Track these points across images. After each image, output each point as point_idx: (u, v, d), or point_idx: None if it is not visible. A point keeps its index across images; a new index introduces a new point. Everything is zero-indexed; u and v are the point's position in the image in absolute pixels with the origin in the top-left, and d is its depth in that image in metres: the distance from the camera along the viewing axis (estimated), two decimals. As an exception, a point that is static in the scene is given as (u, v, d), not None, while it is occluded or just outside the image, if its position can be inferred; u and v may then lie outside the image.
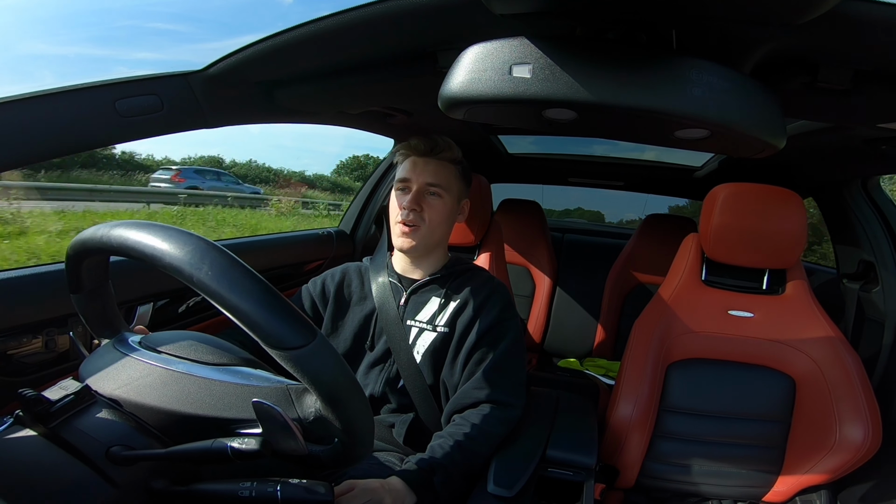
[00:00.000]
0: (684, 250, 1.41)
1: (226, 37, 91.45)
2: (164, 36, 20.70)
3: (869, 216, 1.52)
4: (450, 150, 1.11)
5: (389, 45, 0.87)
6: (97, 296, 0.70)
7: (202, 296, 0.51)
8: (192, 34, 18.02)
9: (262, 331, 0.50)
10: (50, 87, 0.76)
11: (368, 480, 0.82)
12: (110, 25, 39.80)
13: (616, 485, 1.29)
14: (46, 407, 0.55)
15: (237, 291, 0.50)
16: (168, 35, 16.56)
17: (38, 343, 0.91)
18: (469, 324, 1.07)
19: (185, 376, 0.62)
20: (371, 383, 1.08)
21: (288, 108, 1.11)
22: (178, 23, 47.29)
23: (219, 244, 0.53)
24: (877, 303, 1.48)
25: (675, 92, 0.61)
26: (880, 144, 1.15)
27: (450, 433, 0.96)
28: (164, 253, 0.52)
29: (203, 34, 67.90)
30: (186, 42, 64.77)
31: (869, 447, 1.16)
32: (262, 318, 0.50)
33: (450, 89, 0.66)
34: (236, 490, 0.54)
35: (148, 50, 45.01)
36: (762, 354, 1.28)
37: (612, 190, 2.71)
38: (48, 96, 0.76)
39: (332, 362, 0.54)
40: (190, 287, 0.51)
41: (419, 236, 1.07)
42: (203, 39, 74.78)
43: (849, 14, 0.61)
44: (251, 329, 0.50)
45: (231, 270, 0.51)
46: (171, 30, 48.95)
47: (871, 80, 0.77)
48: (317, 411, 0.57)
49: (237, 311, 0.50)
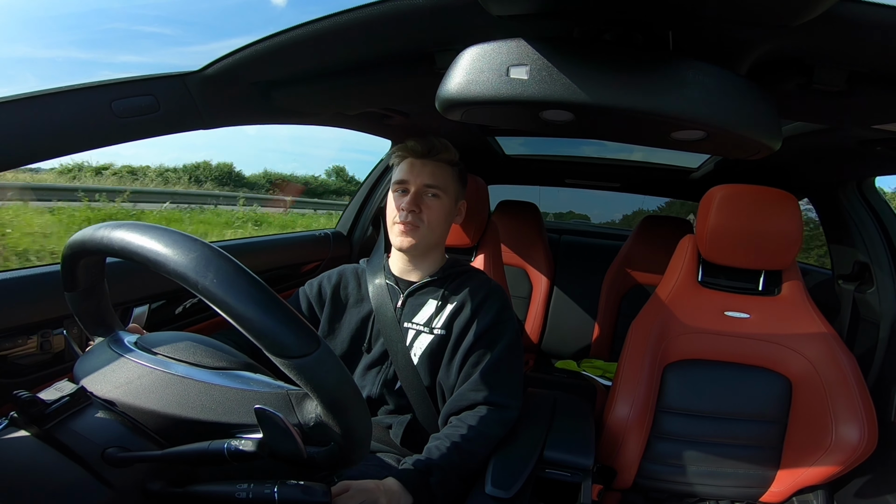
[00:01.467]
0: (681, 251, 1.42)
1: (213, 40, 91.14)
2: (150, 39, 20.69)
3: (864, 217, 1.53)
4: (447, 152, 1.11)
5: (387, 47, 0.87)
6: (92, 294, 0.69)
7: (205, 301, 0.51)
8: (179, 37, 17.96)
9: (266, 339, 0.50)
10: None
11: (364, 481, 0.82)
12: (94, 28, 39.48)
13: (613, 485, 1.29)
14: (41, 408, 0.54)
15: (243, 300, 0.50)
16: (154, 38, 16.49)
17: (33, 344, 0.91)
18: (466, 326, 1.07)
19: (183, 380, 0.61)
20: (368, 385, 1.08)
21: (285, 108, 1.10)
22: (164, 26, 46.98)
23: (218, 246, 0.53)
24: (871, 303, 1.49)
25: (671, 93, 0.62)
26: (875, 146, 1.16)
27: (446, 435, 0.96)
28: (168, 259, 0.51)
29: (190, 37, 67.44)
30: (173, 45, 64.41)
31: (865, 447, 1.16)
32: (267, 327, 0.50)
33: (447, 90, 0.66)
34: (233, 491, 0.53)
35: (133, 53, 44.72)
36: (758, 355, 1.29)
37: (608, 191, 2.72)
38: (44, 97, 0.75)
39: (335, 371, 0.54)
40: (193, 292, 0.51)
41: (419, 235, 1.07)
42: (189, 42, 74.47)
43: (844, 15, 0.61)
44: (255, 337, 0.50)
45: (236, 278, 0.51)
46: (158, 33, 48.64)
47: (866, 82, 0.77)
48: (317, 417, 0.57)
49: (242, 319, 0.50)
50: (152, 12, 48.57)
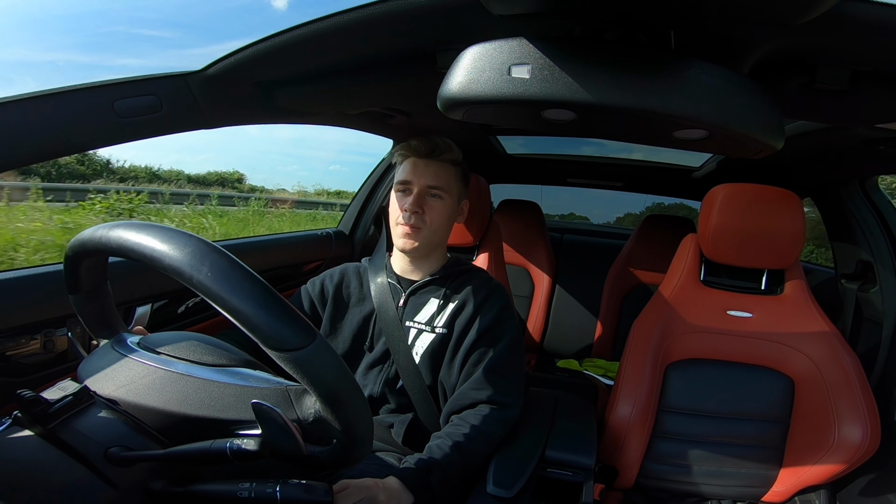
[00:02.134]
0: (683, 250, 1.42)
1: (214, 43, 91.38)
2: (150, 42, 20.32)
3: (867, 216, 1.53)
4: (450, 152, 1.11)
5: (388, 46, 0.87)
6: (95, 296, 0.69)
7: (201, 297, 0.51)
8: (180, 40, 17.76)
9: (261, 332, 0.50)
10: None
11: (363, 479, 0.82)
12: (95, 31, 39.30)
13: (615, 485, 1.29)
14: (45, 408, 0.55)
15: (237, 293, 0.50)
16: (155, 41, 16.24)
17: (37, 344, 0.91)
18: (467, 324, 1.07)
19: (183, 377, 0.62)
20: (370, 384, 1.08)
21: (287, 108, 1.11)
22: (165, 29, 46.84)
23: (220, 246, 0.53)
24: (875, 302, 1.49)
25: (673, 92, 0.62)
26: (878, 144, 1.15)
27: (448, 433, 0.96)
28: (163, 254, 0.52)
29: (190, 40, 67.46)
30: (173, 48, 64.50)
31: (868, 447, 1.16)
32: (262, 320, 0.50)
33: (449, 90, 0.66)
34: (235, 491, 0.54)
35: (134, 56, 44.71)
36: (761, 354, 1.29)
37: (610, 190, 2.71)
38: (47, 96, 0.76)
39: (332, 364, 0.54)
40: (189, 288, 0.51)
41: (422, 237, 1.07)
42: (190, 45, 74.51)
43: (846, 14, 0.61)
44: (250, 330, 0.50)
45: (230, 272, 0.51)
46: (158, 36, 48.58)
47: (868, 81, 0.77)
48: (316, 412, 0.57)
49: (237, 313, 0.50)
50: (153, 15, 48.64)
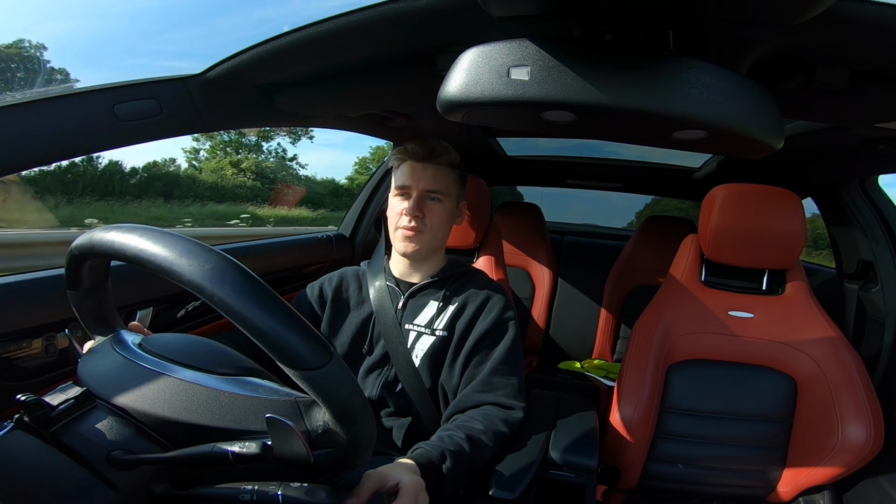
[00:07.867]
0: (684, 251, 1.41)
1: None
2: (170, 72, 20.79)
3: (868, 216, 1.52)
4: (447, 155, 1.11)
5: (387, 49, 0.87)
6: (94, 293, 0.69)
7: (218, 311, 0.51)
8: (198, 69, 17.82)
9: (282, 352, 0.50)
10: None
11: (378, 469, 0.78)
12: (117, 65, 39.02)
13: (618, 486, 1.29)
14: (47, 411, 0.55)
15: (259, 313, 0.50)
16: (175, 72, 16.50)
17: (38, 347, 0.91)
18: (467, 327, 1.06)
19: (192, 386, 0.61)
20: (369, 387, 1.08)
21: (286, 111, 1.11)
22: (184, 60, 46.26)
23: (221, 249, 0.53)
24: (877, 302, 1.48)
25: (672, 93, 0.62)
26: (878, 144, 1.15)
27: (457, 426, 0.93)
28: (184, 269, 0.51)
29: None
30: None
31: (871, 447, 1.15)
32: (284, 340, 0.50)
33: (448, 92, 0.66)
34: (237, 494, 0.54)
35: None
36: (763, 355, 1.28)
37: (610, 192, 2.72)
38: (47, 101, 0.76)
39: (346, 382, 0.54)
40: (207, 302, 0.51)
41: (422, 240, 1.07)
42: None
43: (845, 14, 0.61)
44: (270, 349, 0.51)
45: (252, 290, 0.51)
46: (178, 66, 48.14)
47: (868, 80, 0.77)
48: (325, 424, 0.57)
49: (258, 332, 0.50)
50: (172, 48, 48.37)
